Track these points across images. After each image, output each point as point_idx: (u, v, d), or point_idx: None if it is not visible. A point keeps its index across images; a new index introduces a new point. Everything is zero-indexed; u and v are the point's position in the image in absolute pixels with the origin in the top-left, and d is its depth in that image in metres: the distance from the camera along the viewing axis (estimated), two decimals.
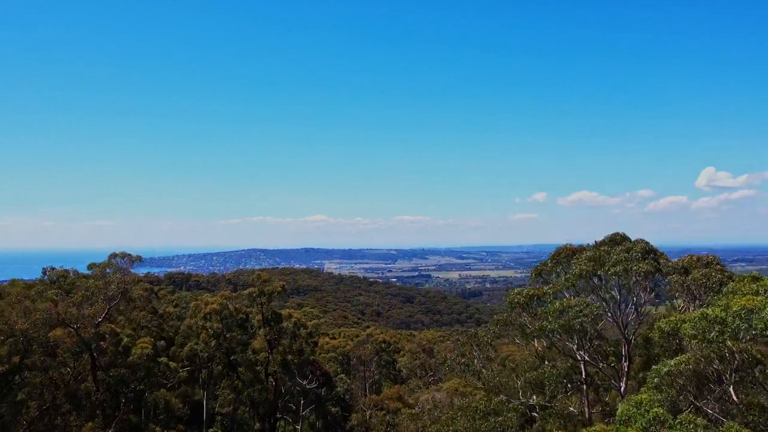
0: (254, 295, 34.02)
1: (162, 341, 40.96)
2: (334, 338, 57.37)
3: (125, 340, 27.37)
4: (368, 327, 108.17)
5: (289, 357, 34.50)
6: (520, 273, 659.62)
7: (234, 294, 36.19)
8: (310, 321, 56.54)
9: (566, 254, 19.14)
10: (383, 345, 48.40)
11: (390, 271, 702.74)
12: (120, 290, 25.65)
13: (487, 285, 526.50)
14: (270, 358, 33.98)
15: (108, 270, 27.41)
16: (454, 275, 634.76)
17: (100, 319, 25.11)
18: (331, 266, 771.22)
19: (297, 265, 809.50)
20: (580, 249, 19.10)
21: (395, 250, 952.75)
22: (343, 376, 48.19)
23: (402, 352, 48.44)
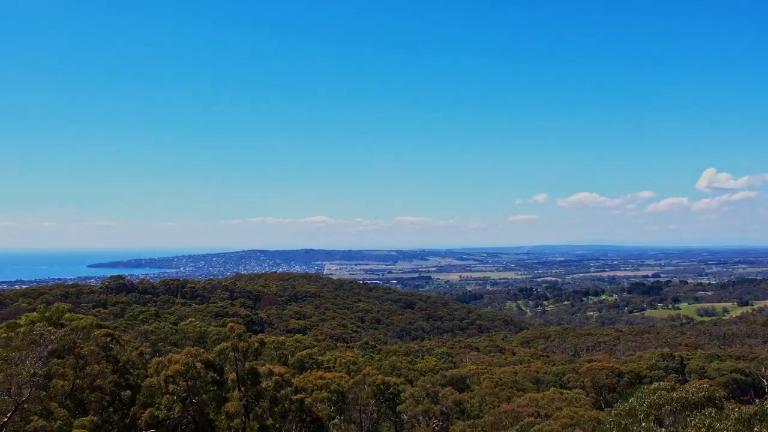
0: (227, 351, 28.80)
1: (128, 390, 35.74)
2: (329, 369, 51.95)
3: (57, 424, 22.13)
4: (366, 343, 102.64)
5: (269, 422, 29.29)
6: (521, 275, 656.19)
7: (203, 350, 30.88)
8: (302, 351, 51.19)
9: (671, 409, 12.39)
10: (382, 386, 43.32)
11: (390, 272, 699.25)
12: (32, 386, 19.96)
13: (488, 287, 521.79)
14: (246, 424, 28.84)
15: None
16: (454, 277, 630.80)
17: (6, 419, 19.67)
18: (331, 267, 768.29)
19: (297, 267, 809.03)
20: (693, 402, 12.37)
21: (396, 251, 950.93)
22: (337, 421, 43.05)
23: (403, 395, 43.43)
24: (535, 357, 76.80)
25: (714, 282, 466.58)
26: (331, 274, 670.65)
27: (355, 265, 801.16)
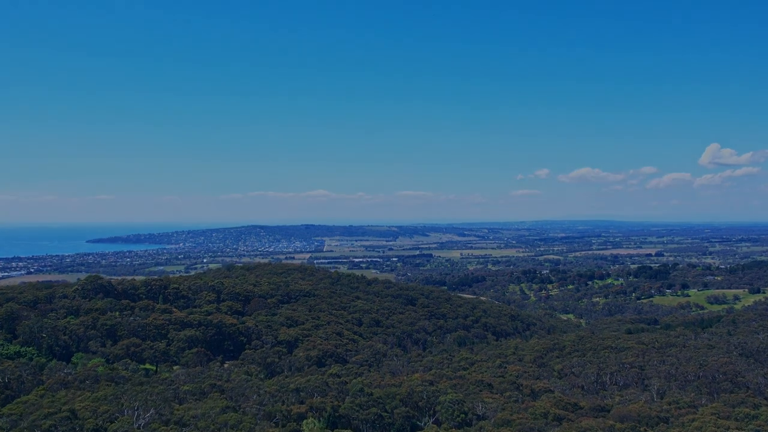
0: None
1: None
2: None
3: None
4: (361, 390, 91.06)
5: None
6: (522, 252, 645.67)
7: None
8: None
9: None
10: None
11: (391, 249, 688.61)
12: None
13: (490, 266, 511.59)
14: None
15: None
16: (455, 254, 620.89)
17: None
18: (331, 243, 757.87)
19: (297, 242, 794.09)
20: None
21: (396, 226, 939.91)
22: None
23: None
24: (559, 407, 65.27)
25: (720, 263, 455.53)
26: (331, 250, 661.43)
27: (356, 240, 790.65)
